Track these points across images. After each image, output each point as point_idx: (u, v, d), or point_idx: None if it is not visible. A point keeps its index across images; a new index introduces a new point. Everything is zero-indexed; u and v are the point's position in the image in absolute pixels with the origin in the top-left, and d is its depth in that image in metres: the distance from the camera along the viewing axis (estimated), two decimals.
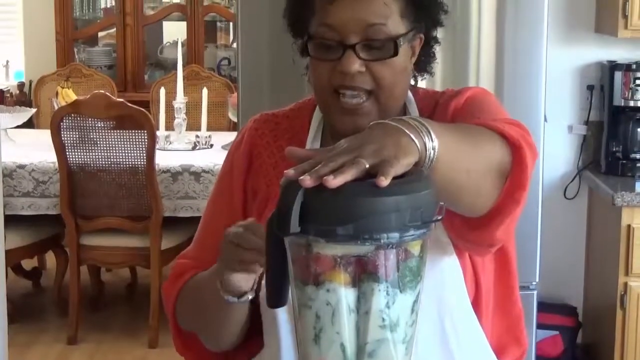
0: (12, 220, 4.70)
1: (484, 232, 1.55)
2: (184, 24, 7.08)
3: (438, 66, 3.27)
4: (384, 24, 1.60)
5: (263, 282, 1.59)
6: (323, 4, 1.60)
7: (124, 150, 4.75)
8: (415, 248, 1.28)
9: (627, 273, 3.68)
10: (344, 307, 1.27)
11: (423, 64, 1.73)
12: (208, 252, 1.71)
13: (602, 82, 4.09)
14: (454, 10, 3.26)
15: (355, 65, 1.59)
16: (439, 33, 1.75)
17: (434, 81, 3.22)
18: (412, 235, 1.25)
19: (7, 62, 7.22)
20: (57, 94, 5.74)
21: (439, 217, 1.29)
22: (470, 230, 1.57)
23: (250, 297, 1.58)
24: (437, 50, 1.77)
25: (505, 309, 1.78)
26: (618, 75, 3.95)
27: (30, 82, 6.92)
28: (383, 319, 1.28)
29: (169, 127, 5.45)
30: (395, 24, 1.61)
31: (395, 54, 1.61)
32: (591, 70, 4.15)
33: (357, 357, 1.29)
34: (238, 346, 1.76)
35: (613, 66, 3.98)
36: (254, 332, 1.74)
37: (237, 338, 1.73)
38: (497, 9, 3.33)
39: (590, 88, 4.14)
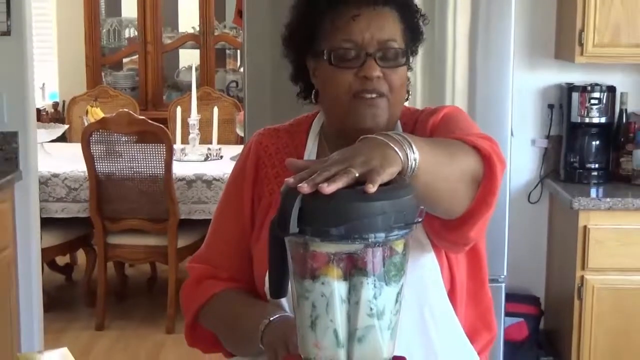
0: (47, 223, 4.70)
1: (459, 232, 1.54)
2: (197, 52, 7.09)
3: (419, 87, 3.30)
4: (395, 40, 1.65)
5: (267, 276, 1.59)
6: (346, 21, 1.63)
7: (145, 161, 4.75)
8: (399, 246, 1.28)
9: (583, 268, 3.67)
10: (337, 298, 1.27)
11: None
12: (219, 253, 1.71)
13: (561, 101, 4.08)
14: (432, 38, 3.27)
15: (376, 71, 1.62)
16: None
17: (415, 101, 3.22)
18: (396, 235, 1.25)
19: (43, 84, 7.22)
20: (87, 112, 5.74)
21: (420, 219, 1.29)
22: (447, 230, 1.56)
23: None
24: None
25: (477, 299, 1.78)
26: (575, 95, 3.94)
27: (64, 102, 6.92)
28: (371, 308, 1.27)
29: (185, 141, 5.45)
30: (400, 41, 1.67)
31: (407, 61, 1.67)
32: (552, 91, 4.15)
33: (349, 342, 1.29)
34: None
35: (571, 88, 3.97)
36: None
37: None
38: (469, 38, 3.34)
39: (550, 107, 4.14)
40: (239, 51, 7.27)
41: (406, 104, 1.80)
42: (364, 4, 1.64)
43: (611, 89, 3.95)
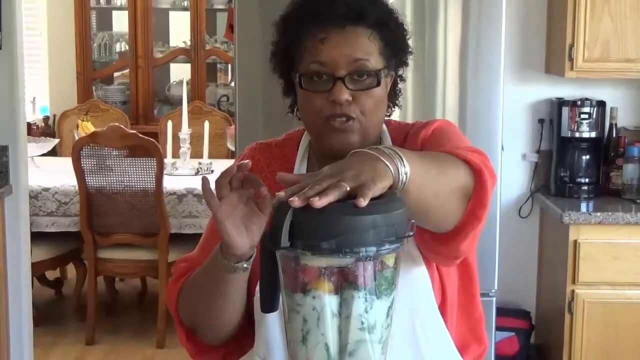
0: (37, 237, 4.69)
1: (451, 245, 1.54)
2: (188, 66, 7.10)
3: (410, 101, 3.31)
4: (368, 59, 1.61)
5: (257, 288, 1.59)
6: (314, 44, 1.61)
7: (136, 175, 4.75)
8: (390, 260, 1.28)
9: (574, 282, 3.68)
10: (328, 312, 1.27)
11: (392, 98, 1.74)
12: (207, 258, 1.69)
13: (551, 116, 4.10)
14: (423, 54, 3.28)
15: (345, 95, 1.60)
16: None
17: (406, 115, 3.23)
18: (387, 249, 1.25)
19: (34, 98, 7.21)
20: (77, 126, 5.74)
21: (411, 233, 1.29)
22: (439, 244, 1.56)
23: (245, 265, 1.52)
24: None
25: (468, 313, 1.78)
26: (565, 110, 3.96)
27: (54, 115, 6.91)
28: (362, 322, 1.27)
29: (175, 155, 5.45)
30: (376, 60, 1.63)
31: (378, 84, 1.63)
32: (542, 106, 4.17)
33: (340, 356, 1.29)
34: (233, 345, 1.75)
35: (561, 102, 3.99)
36: (247, 333, 1.73)
37: (232, 326, 1.69)
38: (460, 53, 3.35)
39: (541, 121, 4.16)
40: (230, 65, 7.28)
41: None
42: (333, 26, 1.60)
43: (601, 104, 3.97)
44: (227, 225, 1.45)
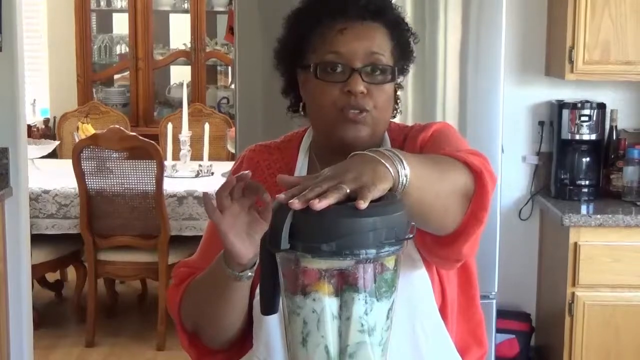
0: (37, 239, 4.68)
1: (452, 248, 1.54)
2: (188, 68, 7.10)
3: (410, 104, 3.31)
4: (383, 54, 1.64)
5: (257, 290, 1.59)
6: (333, 34, 1.63)
7: (136, 177, 4.75)
8: (390, 262, 1.28)
9: (574, 284, 3.68)
10: (328, 314, 1.27)
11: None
12: (209, 262, 1.70)
13: (551, 118, 4.10)
14: (423, 55, 3.28)
15: (361, 86, 1.61)
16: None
17: (406, 117, 3.23)
18: (387, 251, 1.25)
19: (34, 100, 7.21)
20: (77, 128, 5.74)
21: (411, 235, 1.29)
22: (440, 246, 1.56)
23: (250, 274, 1.54)
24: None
25: (468, 315, 1.78)
26: (565, 112, 3.96)
27: (55, 118, 6.91)
28: (362, 325, 1.27)
29: (175, 157, 5.45)
30: (389, 58, 1.66)
31: (393, 78, 1.66)
32: (542, 108, 4.17)
33: (340, 358, 1.28)
34: (235, 348, 1.75)
35: (561, 105, 3.99)
36: (248, 335, 1.73)
37: (236, 330, 1.69)
38: (460, 55, 3.35)
39: (541, 123, 4.16)
40: (230, 68, 7.28)
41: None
42: (352, 18, 1.63)
43: (601, 106, 3.97)
44: (231, 236, 1.47)
